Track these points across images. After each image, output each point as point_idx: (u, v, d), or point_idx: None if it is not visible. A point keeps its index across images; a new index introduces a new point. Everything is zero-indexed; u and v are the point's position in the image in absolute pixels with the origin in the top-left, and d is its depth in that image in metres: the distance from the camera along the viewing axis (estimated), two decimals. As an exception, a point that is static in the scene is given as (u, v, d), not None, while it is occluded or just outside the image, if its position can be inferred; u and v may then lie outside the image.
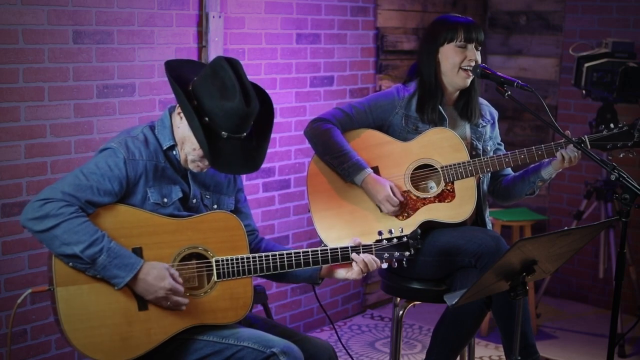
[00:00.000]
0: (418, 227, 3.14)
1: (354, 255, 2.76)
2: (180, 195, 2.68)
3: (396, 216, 3.19)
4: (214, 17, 3.91)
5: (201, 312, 2.62)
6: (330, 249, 2.74)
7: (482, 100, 3.42)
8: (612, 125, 3.14)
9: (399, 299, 3.36)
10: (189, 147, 2.62)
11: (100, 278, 2.51)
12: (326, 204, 3.22)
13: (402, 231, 2.84)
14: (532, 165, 3.28)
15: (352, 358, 3.51)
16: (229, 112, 2.52)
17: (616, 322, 2.83)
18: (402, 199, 3.17)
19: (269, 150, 4.31)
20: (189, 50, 3.90)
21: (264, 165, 4.33)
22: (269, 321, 2.89)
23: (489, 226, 3.39)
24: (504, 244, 3.12)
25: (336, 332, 3.06)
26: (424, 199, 3.22)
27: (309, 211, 3.24)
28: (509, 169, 3.37)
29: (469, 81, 3.24)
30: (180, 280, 2.56)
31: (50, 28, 3.39)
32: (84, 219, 2.48)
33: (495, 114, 3.45)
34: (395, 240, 2.81)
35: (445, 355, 3.24)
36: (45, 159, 3.45)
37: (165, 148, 2.66)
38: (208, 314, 2.62)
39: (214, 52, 3.92)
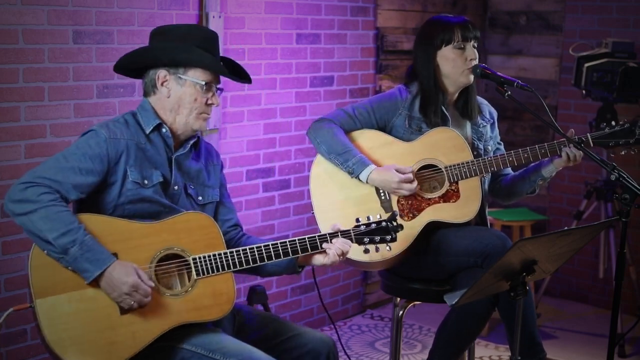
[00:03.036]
0: (424, 227, 3.16)
1: (325, 244, 2.73)
2: (161, 179, 2.68)
3: (402, 217, 3.18)
4: (214, 17, 3.91)
5: (185, 311, 2.60)
6: (308, 237, 2.73)
7: (481, 100, 3.42)
8: (613, 123, 3.14)
9: (399, 299, 3.36)
10: (188, 103, 2.67)
11: (76, 286, 2.50)
12: (330, 205, 3.21)
13: (380, 217, 2.82)
14: (532, 164, 3.28)
15: (349, 359, 3.49)
16: (193, 41, 2.68)
17: (616, 322, 2.83)
18: (413, 169, 3.17)
19: (269, 150, 4.35)
20: (189, 50, 3.89)
21: (264, 165, 4.33)
22: (268, 315, 2.88)
23: (488, 225, 3.39)
24: (511, 244, 3.10)
25: (337, 332, 3.06)
26: (429, 199, 3.21)
27: (313, 213, 3.23)
28: (509, 168, 3.37)
29: (472, 77, 3.24)
30: (149, 283, 2.53)
31: (50, 28, 3.39)
32: (63, 207, 2.49)
33: (495, 113, 3.45)
34: (373, 225, 2.80)
35: (448, 356, 3.23)
36: (45, 159, 3.43)
37: (149, 131, 2.68)
38: (192, 312, 2.61)
39: (214, 52, 3.92)
